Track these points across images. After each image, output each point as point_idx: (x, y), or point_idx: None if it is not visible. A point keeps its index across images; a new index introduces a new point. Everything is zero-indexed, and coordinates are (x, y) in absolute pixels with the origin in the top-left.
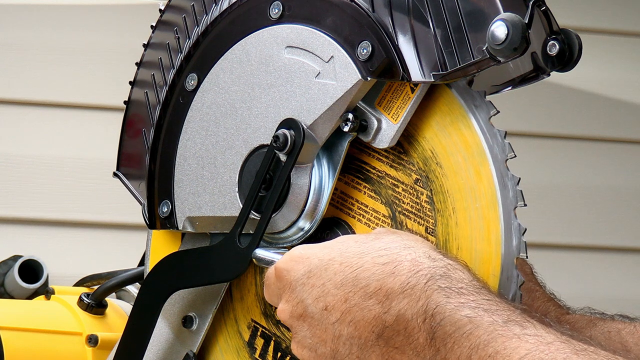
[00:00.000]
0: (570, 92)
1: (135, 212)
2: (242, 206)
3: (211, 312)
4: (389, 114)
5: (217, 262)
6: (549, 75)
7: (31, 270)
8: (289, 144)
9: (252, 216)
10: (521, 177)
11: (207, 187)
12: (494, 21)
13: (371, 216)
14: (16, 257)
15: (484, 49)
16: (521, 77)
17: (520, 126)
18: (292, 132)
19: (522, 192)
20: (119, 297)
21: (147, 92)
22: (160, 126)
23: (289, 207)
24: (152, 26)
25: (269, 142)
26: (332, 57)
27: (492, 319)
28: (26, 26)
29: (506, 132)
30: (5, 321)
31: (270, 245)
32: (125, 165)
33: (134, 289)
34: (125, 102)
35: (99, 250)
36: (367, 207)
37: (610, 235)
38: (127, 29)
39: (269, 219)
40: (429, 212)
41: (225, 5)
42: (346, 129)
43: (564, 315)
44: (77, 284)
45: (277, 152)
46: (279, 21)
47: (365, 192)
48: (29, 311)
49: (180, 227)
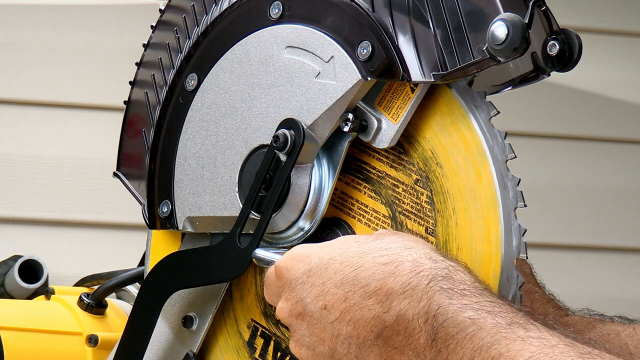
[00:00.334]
0: (570, 92)
1: (135, 212)
2: (242, 206)
3: (211, 312)
4: (389, 114)
5: (217, 262)
6: (549, 75)
7: (31, 270)
8: (289, 144)
9: (252, 216)
10: (521, 177)
11: (207, 187)
12: (494, 21)
13: (371, 216)
14: (16, 257)
15: (484, 49)
16: (521, 77)
17: (520, 126)
18: (292, 132)
19: (522, 192)
20: (119, 297)
21: (147, 92)
22: (160, 126)
23: (289, 207)
24: (152, 26)
25: (269, 142)
26: (332, 57)
27: (496, 321)
28: (26, 26)
29: (506, 132)
30: (5, 321)
31: (270, 245)
32: (125, 165)
33: (134, 289)
34: (125, 102)
35: (99, 250)
36: (367, 207)
37: (610, 235)
38: (127, 29)
39: (269, 219)
40: (429, 213)
41: (225, 5)
42: (346, 129)
43: (563, 317)
44: (77, 284)
45: (277, 152)
46: (279, 21)
47: (365, 192)
48: (29, 311)
49: (180, 227)
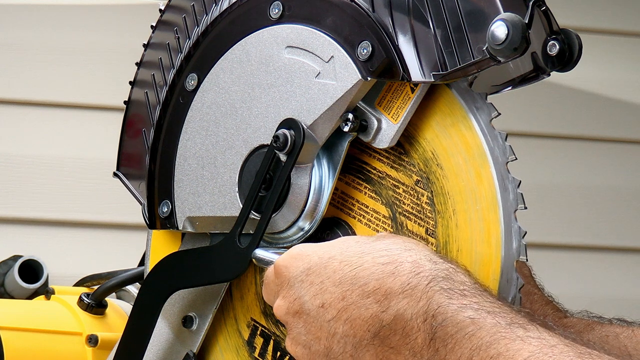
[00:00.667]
0: (570, 92)
1: (135, 212)
2: (242, 206)
3: (211, 312)
4: (389, 114)
5: (217, 262)
6: (549, 75)
7: (31, 270)
8: (289, 144)
9: (252, 216)
10: (521, 177)
11: (207, 187)
12: (494, 21)
13: (371, 217)
14: (16, 257)
15: (484, 49)
16: (521, 77)
17: (520, 126)
18: (292, 132)
19: (522, 195)
20: (119, 297)
21: (147, 92)
22: (160, 126)
23: (289, 207)
24: (152, 26)
25: (269, 142)
26: (332, 57)
27: (496, 320)
28: (26, 26)
29: (507, 134)
30: (5, 321)
31: (270, 245)
32: (125, 165)
33: (134, 289)
34: (125, 102)
35: (99, 250)
36: (367, 207)
37: (610, 235)
38: (127, 29)
39: (269, 219)
40: (429, 214)
41: (225, 5)
42: (346, 129)
43: (562, 318)
44: (77, 284)
45: (277, 152)
46: (279, 21)
47: (365, 193)
48: (29, 311)
49: (180, 227)
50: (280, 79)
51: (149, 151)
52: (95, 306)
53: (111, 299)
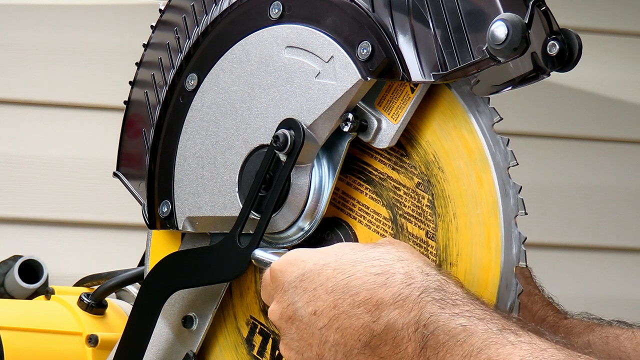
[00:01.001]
0: (570, 92)
1: (135, 212)
2: (242, 206)
3: (211, 312)
4: (389, 114)
5: (217, 262)
6: (549, 75)
7: (31, 270)
8: (289, 144)
9: (252, 216)
10: (521, 177)
11: (207, 187)
12: (494, 21)
13: (372, 218)
14: (16, 257)
15: (484, 49)
16: (521, 77)
17: (520, 126)
18: (292, 132)
19: (523, 200)
20: (119, 297)
21: (147, 92)
22: (160, 126)
23: (289, 207)
24: (152, 26)
25: (269, 142)
26: (332, 57)
27: (487, 327)
28: (26, 26)
29: (509, 139)
30: (5, 321)
31: (270, 245)
32: (125, 165)
33: (134, 289)
34: (125, 102)
35: (99, 250)
36: (368, 208)
37: (610, 235)
38: (127, 29)
39: (269, 219)
40: (429, 217)
41: (225, 5)
42: (346, 129)
43: (562, 320)
44: (77, 284)
45: (277, 152)
46: (279, 21)
47: (366, 194)
48: (29, 311)
49: (180, 227)
50: (280, 79)
51: (149, 151)
52: (95, 306)
53: (111, 299)
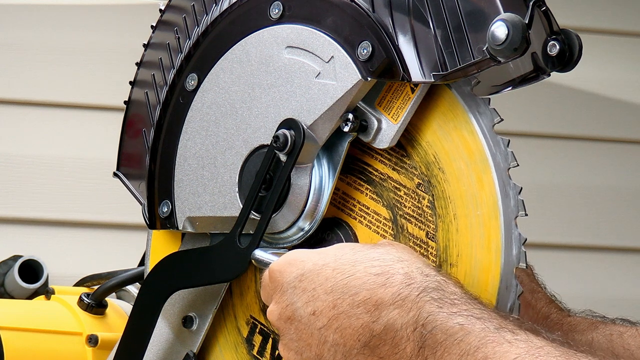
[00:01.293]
0: (570, 92)
1: (135, 212)
2: (242, 206)
3: (211, 312)
4: (389, 114)
5: (217, 262)
6: (549, 75)
7: (31, 270)
8: (289, 144)
9: (252, 216)
10: (521, 177)
11: (207, 187)
12: (494, 21)
13: (372, 218)
14: (16, 257)
15: (484, 49)
16: (521, 77)
17: (520, 126)
18: (292, 132)
19: (523, 201)
20: (119, 297)
21: (147, 92)
22: (160, 126)
23: (289, 208)
24: (152, 26)
25: (269, 142)
26: (332, 57)
27: (484, 326)
28: (26, 26)
29: (509, 140)
30: (5, 321)
31: (270, 245)
32: (125, 165)
33: (134, 289)
34: (125, 102)
35: (99, 250)
36: (368, 209)
37: (610, 235)
38: (127, 29)
39: (269, 219)
40: (430, 217)
41: (225, 5)
42: (346, 129)
43: (566, 317)
44: (77, 284)
45: (277, 152)
46: (279, 21)
47: (367, 194)
48: (29, 311)
49: (180, 227)
50: (280, 79)
51: (149, 151)
52: (95, 306)
53: (111, 299)
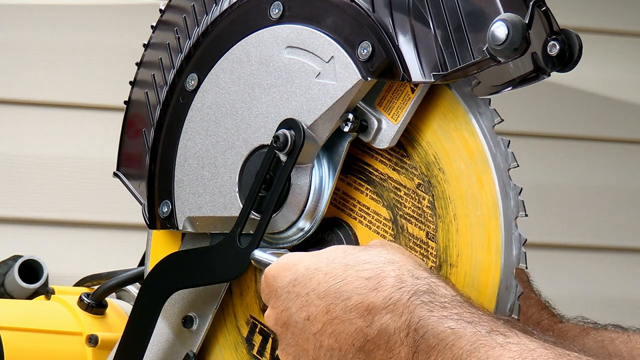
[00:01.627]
0: (570, 92)
1: (135, 212)
2: (242, 206)
3: (211, 312)
4: (389, 114)
5: (218, 262)
6: (549, 75)
7: (31, 270)
8: (289, 144)
9: (252, 216)
10: (521, 177)
11: (208, 187)
12: (494, 21)
13: (372, 218)
14: (16, 257)
15: (484, 49)
16: (521, 77)
17: (520, 126)
18: (292, 132)
19: (523, 202)
20: (119, 297)
21: (147, 92)
22: (160, 126)
23: (289, 208)
24: (152, 26)
25: (269, 142)
26: (333, 57)
27: (476, 329)
28: (26, 26)
29: (510, 141)
30: (5, 321)
31: (270, 245)
32: (125, 165)
33: (134, 289)
34: (125, 102)
35: (99, 250)
36: (368, 209)
37: (610, 235)
38: (127, 29)
39: (269, 219)
40: (430, 218)
41: (225, 5)
42: (346, 129)
43: (557, 323)
44: (77, 284)
45: (277, 152)
46: (279, 21)
47: (367, 194)
48: (29, 311)
49: (180, 227)
50: (280, 79)
51: (149, 151)
52: (95, 306)
53: (111, 299)
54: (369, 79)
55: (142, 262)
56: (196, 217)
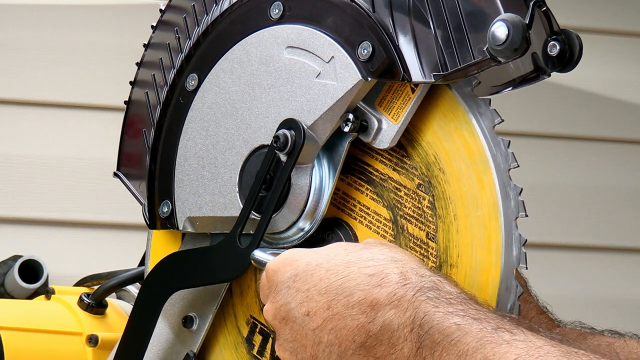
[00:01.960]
0: (570, 92)
1: (135, 212)
2: (242, 206)
3: (211, 312)
4: (389, 115)
5: (218, 262)
6: (550, 75)
7: (31, 270)
8: (290, 144)
9: (253, 216)
10: (521, 177)
11: (208, 188)
12: (494, 21)
13: (372, 219)
14: (16, 257)
15: (485, 49)
16: (521, 77)
17: (520, 126)
18: (292, 132)
19: (523, 202)
20: (119, 297)
21: (147, 92)
22: (160, 126)
23: (289, 208)
24: (152, 26)
25: (270, 143)
26: (333, 57)
27: (482, 326)
28: (26, 26)
29: (510, 141)
30: (5, 321)
31: (270, 245)
32: (125, 165)
33: (134, 289)
34: (125, 102)
35: (99, 250)
36: (368, 209)
37: (610, 235)
38: (127, 29)
39: (269, 219)
40: (430, 218)
41: (225, 5)
42: (346, 129)
43: (555, 327)
44: (77, 284)
45: (277, 152)
46: (280, 21)
47: (367, 194)
48: (29, 311)
49: (180, 227)
50: (280, 79)
51: (150, 151)
52: (95, 306)
53: (111, 299)
54: (369, 79)
55: (142, 262)
56: (196, 217)
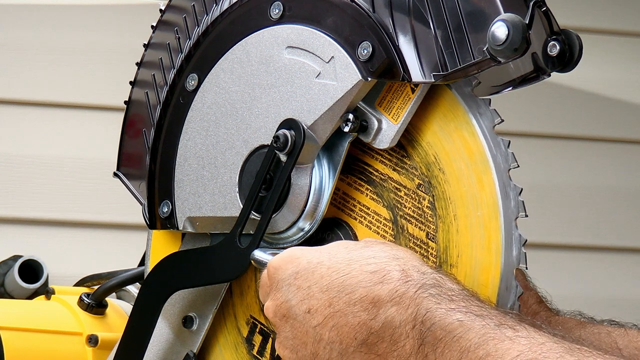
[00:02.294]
0: (570, 92)
1: (135, 212)
2: (242, 206)
3: (211, 312)
4: (389, 115)
5: (218, 262)
6: (550, 75)
7: (31, 270)
8: (290, 144)
9: (253, 216)
10: (521, 177)
11: (208, 188)
12: (494, 22)
13: (372, 219)
14: (16, 257)
15: (485, 49)
16: (521, 77)
17: (520, 126)
18: (292, 132)
19: (523, 202)
20: (119, 297)
21: (147, 92)
22: (160, 126)
23: (289, 208)
24: (152, 26)
25: (270, 143)
26: (333, 57)
27: (484, 322)
28: (26, 26)
29: (510, 141)
30: (5, 321)
31: (270, 245)
32: (125, 165)
33: (134, 289)
34: (125, 102)
35: (99, 250)
36: (368, 209)
37: (610, 235)
38: (127, 29)
39: (269, 219)
40: (430, 218)
41: (225, 5)
42: (346, 129)
43: (554, 316)
44: (77, 284)
45: (277, 152)
46: (280, 21)
47: (367, 195)
48: (29, 311)
49: (180, 228)
50: (280, 79)
51: (150, 151)
52: (95, 306)
53: (111, 299)
54: (369, 79)
55: (142, 262)
56: (196, 217)
